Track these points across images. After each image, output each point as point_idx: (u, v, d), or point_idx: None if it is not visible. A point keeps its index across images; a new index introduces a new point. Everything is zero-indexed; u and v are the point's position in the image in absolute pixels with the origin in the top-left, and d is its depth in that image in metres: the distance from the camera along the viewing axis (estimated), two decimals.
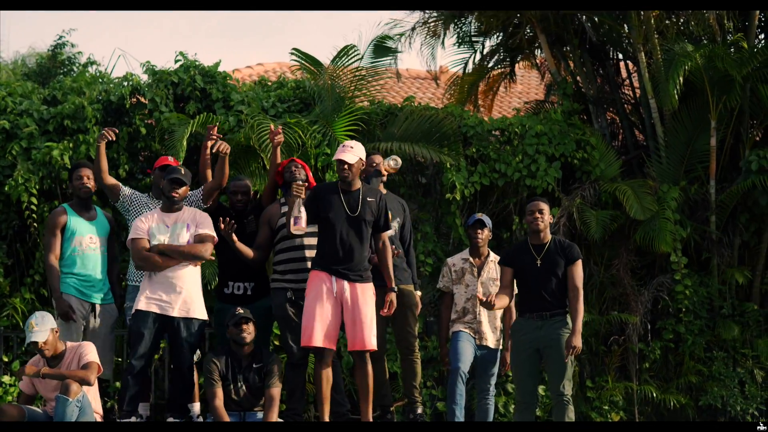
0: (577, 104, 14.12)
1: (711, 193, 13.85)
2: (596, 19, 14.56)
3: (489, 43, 15.73)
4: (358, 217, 9.18)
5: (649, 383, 13.27)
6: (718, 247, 13.93)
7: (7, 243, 12.42)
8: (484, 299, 9.30)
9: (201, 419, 10.03)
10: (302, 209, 9.08)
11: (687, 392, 13.48)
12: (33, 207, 12.07)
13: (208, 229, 9.59)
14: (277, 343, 10.90)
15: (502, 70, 16.25)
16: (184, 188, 9.70)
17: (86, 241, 10.01)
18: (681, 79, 12.89)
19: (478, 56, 16.00)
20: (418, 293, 10.22)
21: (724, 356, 13.68)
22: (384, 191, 10.14)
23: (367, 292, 9.26)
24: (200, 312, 9.65)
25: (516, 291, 9.92)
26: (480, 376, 10.55)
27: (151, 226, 9.63)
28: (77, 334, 9.77)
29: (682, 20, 13.97)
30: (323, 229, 9.33)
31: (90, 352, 9.29)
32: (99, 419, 9.36)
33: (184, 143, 11.77)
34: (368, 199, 9.27)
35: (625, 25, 14.50)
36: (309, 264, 9.65)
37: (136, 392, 9.55)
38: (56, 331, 9.29)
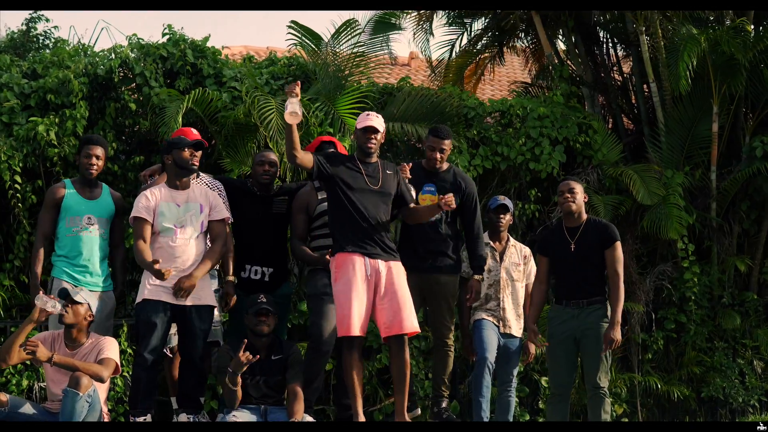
0: (575, 87, 13.71)
1: (712, 180, 13.53)
2: None
3: (478, 25, 15.33)
4: (380, 191, 8.50)
5: (651, 374, 12.91)
6: (718, 235, 13.63)
7: None
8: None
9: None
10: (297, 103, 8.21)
11: (688, 383, 13.15)
12: (17, 186, 11.33)
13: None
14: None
15: (490, 52, 15.79)
16: (200, 153, 9.08)
17: (83, 221, 9.09)
18: (694, 61, 12.51)
19: (464, 39, 15.62)
20: (478, 277, 9.58)
21: (725, 346, 13.38)
22: (446, 166, 9.52)
23: (401, 270, 8.53)
24: (210, 298, 8.91)
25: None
26: (502, 366, 9.96)
27: (158, 203, 8.81)
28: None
29: None
30: (343, 206, 8.49)
31: (110, 348, 8.49)
32: (107, 419, 8.57)
33: (180, 120, 11.11)
34: (387, 171, 8.62)
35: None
36: None
37: (150, 388, 8.78)
38: (90, 317, 8.52)
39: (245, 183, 9.82)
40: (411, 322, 8.39)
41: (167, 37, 12.30)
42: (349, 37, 12.61)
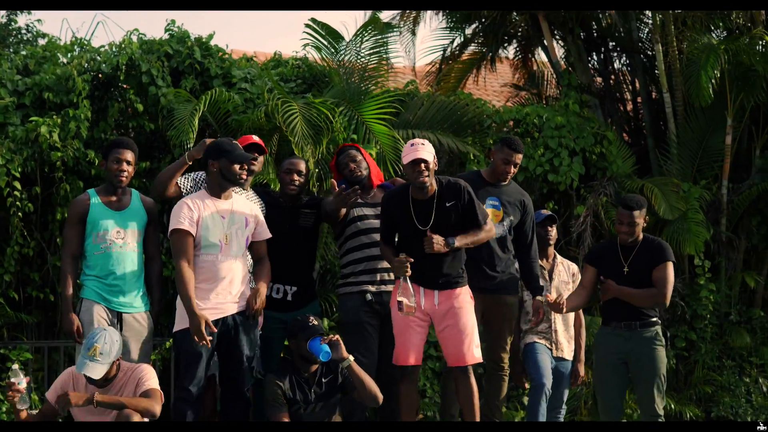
0: (586, 96, 13.31)
1: (723, 194, 13.24)
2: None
3: (471, 30, 14.88)
4: (432, 229, 7.89)
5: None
6: (727, 251, 13.34)
7: None
8: (554, 301, 8.45)
9: None
10: (404, 288, 7.79)
11: (697, 403, 12.83)
12: (16, 194, 10.51)
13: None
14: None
15: (484, 58, 15.34)
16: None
17: (111, 235, 8.14)
18: (717, 73, 12.18)
19: (456, 44, 15.18)
20: (541, 298, 9.09)
21: (733, 365, 13.10)
22: (507, 182, 9.00)
23: (462, 298, 8.07)
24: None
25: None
26: (553, 390, 9.39)
27: (202, 215, 7.88)
28: None
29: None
30: (401, 241, 8.15)
31: (151, 378, 7.58)
32: None
33: (196, 123, 10.40)
34: (447, 204, 7.97)
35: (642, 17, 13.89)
36: (377, 264, 8.54)
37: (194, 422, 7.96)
38: (119, 360, 7.59)
39: (270, 193, 9.08)
40: (472, 353, 8.07)
41: (169, 33, 11.58)
42: (370, 36, 11.93)
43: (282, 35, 40.10)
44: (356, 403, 8.36)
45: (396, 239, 8.21)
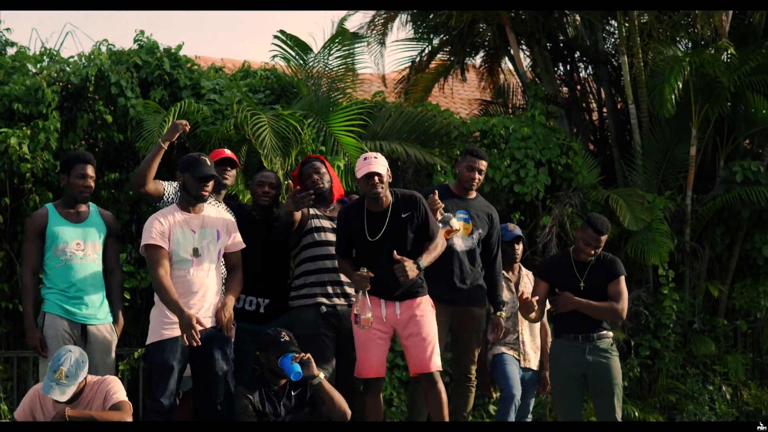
0: (552, 107, 13.43)
1: (687, 204, 13.39)
2: (578, 17, 13.96)
3: (441, 39, 14.96)
4: (380, 241, 8.01)
5: (627, 402, 12.66)
6: (690, 260, 13.49)
7: None
8: (527, 299, 8.55)
9: None
10: (361, 302, 7.91)
11: (661, 411, 12.96)
12: None
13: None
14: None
15: (455, 68, 15.43)
16: (212, 183, 8.21)
17: (71, 248, 8.22)
18: (680, 84, 12.33)
19: (424, 53, 15.26)
20: (501, 314, 9.21)
21: (697, 373, 13.24)
22: (474, 193, 9.15)
23: (423, 306, 8.15)
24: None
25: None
26: (519, 403, 9.60)
27: (173, 229, 7.99)
28: None
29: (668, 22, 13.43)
30: (357, 254, 8.26)
31: (119, 390, 7.59)
32: None
33: None
34: (402, 215, 8.05)
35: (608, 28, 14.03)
36: (333, 276, 8.58)
37: None
38: (85, 381, 7.56)
39: (243, 207, 9.20)
40: (434, 361, 8.14)
41: (138, 44, 11.61)
42: (338, 48, 12.02)
43: (251, 38, 40.04)
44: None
45: (353, 252, 8.28)
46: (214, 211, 8.33)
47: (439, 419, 8.20)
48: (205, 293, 8.05)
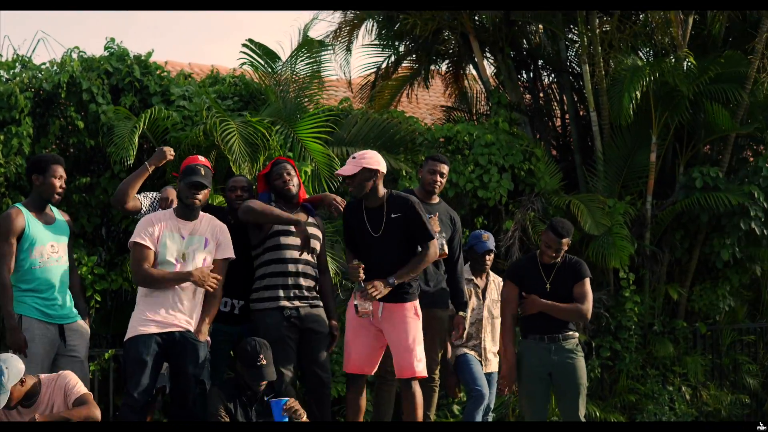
0: (515, 114, 13.70)
1: (647, 209, 13.68)
2: (540, 26, 14.25)
3: (408, 45, 15.19)
4: (382, 237, 8.32)
5: (588, 402, 12.91)
6: (650, 264, 13.78)
7: None
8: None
9: None
10: (361, 292, 8.17)
11: (622, 411, 13.25)
12: None
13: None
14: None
15: (420, 75, 15.69)
16: (205, 192, 8.45)
17: (47, 250, 8.35)
18: (638, 93, 12.62)
19: (389, 60, 15.53)
20: (463, 314, 9.45)
21: (656, 374, 13.54)
22: (437, 199, 9.43)
23: (405, 313, 8.38)
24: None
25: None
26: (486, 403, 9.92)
27: (163, 232, 8.28)
28: (44, 366, 8.16)
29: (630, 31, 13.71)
30: (357, 250, 8.57)
31: (77, 383, 7.72)
32: None
33: (136, 141, 10.65)
34: (392, 215, 8.34)
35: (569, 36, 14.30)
36: (297, 280, 8.80)
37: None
38: (23, 381, 7.55)
39: (221, 210, 9.38)
40: (414, 366, 8.37)
41: (109, 51, 11.79)
42: (305, 56, 12.25)
43: (219, 42, 40.14)
44: None
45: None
46: (209, 219, 8.59)
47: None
48: (183, 297, 8.30)
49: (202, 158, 8.98)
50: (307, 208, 9.16)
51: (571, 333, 8.97)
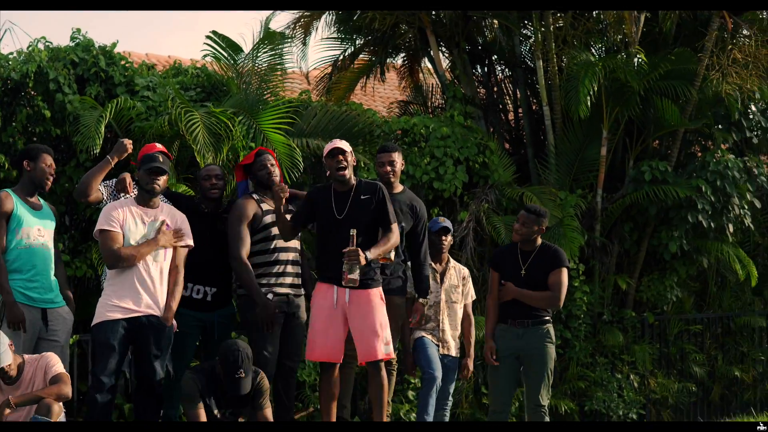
0: (470, 107, 14.01)
1: (598, 202, 14.05)
2: (496, 22, 14.57)
3: (366, 39, 15.47)
4: (346, 220, 8.61)
5: None
6: (600, 255, 14.15)
7: None
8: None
9: None
10: (346, 258, 8.43)
11: (572, 397, 13.61)
12: None
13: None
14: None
15: (377, 68, 15.98)
16: (164, 178, 8.74)
17: (34, 233, 8.65)
18: (594, 88, 12.97)
19: (346, 53, 15.79)
20: (423, 301, 9.75)
21: (606, 362, 13.92)
22: (400, 188, 9.73)
23: (372, 298, 8.70)
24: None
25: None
26: (440, 385, 10.20)
27: (126, 218, 8.57)
28: (26, 349, 8.39)
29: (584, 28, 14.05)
30: (318, 238, 8.95)
31: (57, 363, 8.13)
32: None
33: (102, 130, 10.87)
34: (362, 197, 8.71)
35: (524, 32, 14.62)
36: (285, 268, 9.18)
37: (106, 413, 8.48)
38: (11, 345, 8.01)
39: (191, 199, 9.73)
40: (379, 349, 8.67)
41: (75, 41, 11.99)
42: (266, 48, 12.51)
43: (178, 33, 40.21)
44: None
45: (302, 225, 9.00)
46: (169, 207, 8.93)
47: (379, 405, 8.81)
48: (148, 282, 8.59)
49: (159, 145, 9.31)
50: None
51: (543, 320, 9.39)
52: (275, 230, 9.13)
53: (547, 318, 9.45)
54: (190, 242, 8.87)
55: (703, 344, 15.19)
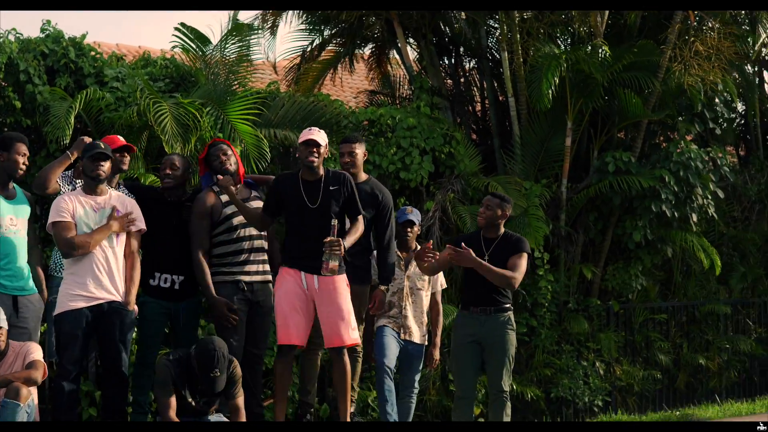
0: (437, 98, 14.17)
1: (563, 192, 14.25)
2: (462, 14, 14.73)
3: (333, 29, 15.61)
4: (319, 209, 8.79)
5: None
6: (565, 244, 14.34)
7: None
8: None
9: None
10: (327, 249, 8.61)
11: (538, 384, 13.79)
12: None
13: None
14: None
15: (345, 59, 16.12)
16: (108, 163, 8.78)
17: (6, 222, 8.70)
18: (556, 80, 13.15)
19: (314, 44, 15.94)
20: (384, 288, 9.83)
21: (571, 349, 14.11)
22: (364, 177, 9.84)
23: (339, 284, 8.87)
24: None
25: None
26: (404, 372, 10.37)
27: (76, 208, 8.66)
28: None
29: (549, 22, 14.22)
30: (286, 224, 9.09)
31: (35, 351, 8.37)
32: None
33: (72, 121, 10.99)
34: (331, 188, 8.86)
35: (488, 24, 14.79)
36: (250, 256, 9.32)
37: (72, 400, 8.64)
38: (8, 344, 8.36)
39: (155, 189, 9.83)
40: (347, 335, 8.87)
41: (45, 33, 12.09)
42: (234, 40, 12.65)
43: (147, 23, 40.17)
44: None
45: (273, 215, 9.09)
46: (117, 194, 9.01)
47: (343, 390, 9.00)
48: (105, 269, 8.69)
49: (121, 138, 9.51)
50: (250, 184, 9.63)
51: (504, 307, 9.48)
52: (237, 220, 9.25)
53: (509, 306, 9.55)
54: (143, 226, 8.97)
55: (668, 332, 15.39)
